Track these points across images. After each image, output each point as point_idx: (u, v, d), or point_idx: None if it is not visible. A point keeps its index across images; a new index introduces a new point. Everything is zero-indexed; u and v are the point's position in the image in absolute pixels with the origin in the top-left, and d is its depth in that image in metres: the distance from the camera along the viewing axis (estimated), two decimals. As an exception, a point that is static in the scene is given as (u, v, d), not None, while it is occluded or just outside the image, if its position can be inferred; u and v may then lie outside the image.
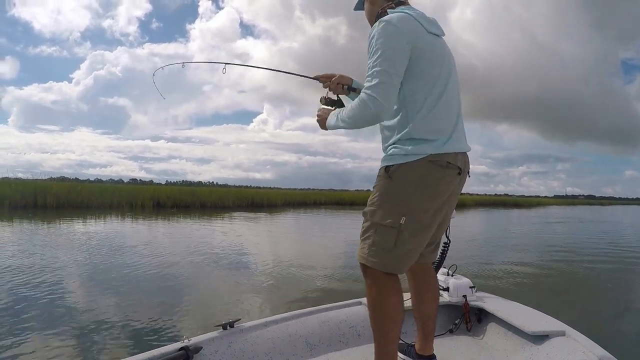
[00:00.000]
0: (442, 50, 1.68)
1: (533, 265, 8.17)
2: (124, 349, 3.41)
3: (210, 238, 11.52)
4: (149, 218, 18.37)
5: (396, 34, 1.54)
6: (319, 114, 1.87)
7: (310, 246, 11.16)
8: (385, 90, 1.52)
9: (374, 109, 1.52)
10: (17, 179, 25.45)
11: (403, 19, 1.58)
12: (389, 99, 1.54)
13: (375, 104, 1.52)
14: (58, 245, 8.83)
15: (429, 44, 1.61)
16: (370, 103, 1.52)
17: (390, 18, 1.58)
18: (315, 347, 2.13)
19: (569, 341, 1.89)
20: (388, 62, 1.53)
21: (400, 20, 1.57)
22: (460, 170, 1.66)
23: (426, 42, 1.60)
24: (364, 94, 1.55)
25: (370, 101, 1.52)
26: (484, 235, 15.24)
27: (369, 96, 1.53)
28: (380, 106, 1.52)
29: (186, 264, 7.27)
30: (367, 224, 1.66)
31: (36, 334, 3.68)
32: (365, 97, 1.54)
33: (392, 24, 1.55)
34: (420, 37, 1.58)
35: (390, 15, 1.60)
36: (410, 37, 1.55)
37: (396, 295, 1.64)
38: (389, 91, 1.53)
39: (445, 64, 1.67)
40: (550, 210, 45.49)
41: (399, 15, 1.59)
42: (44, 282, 5.49)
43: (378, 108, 1.52)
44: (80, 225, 13.73)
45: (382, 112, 1.54)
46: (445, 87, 1.65)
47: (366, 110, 1.54)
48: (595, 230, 18.70)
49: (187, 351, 1.70)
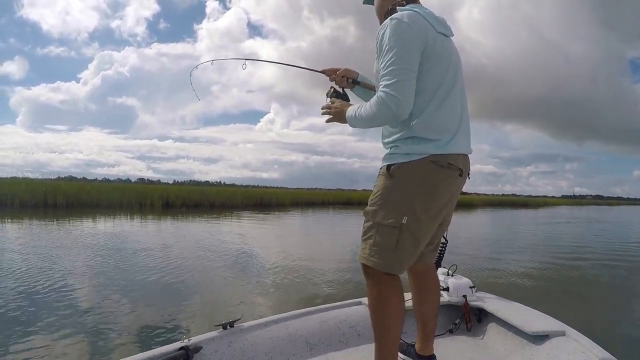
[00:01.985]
0: (450, 50, 1.68)
1: (534, 265, 8.12)
2: (125, 348, 3.42)
3: (219, 238, 11.57)
4: (159, 217, 18.47)
5: (408, 31, 1.54)
6: (335, 105, 1.81)
7: (316, 246, 11.17)
8: (404, 87, 1.51)
9: (394, 107, 1.50)
10: (25, 178, 25.70)
11: (413, 17, 1.58)
12: (409, 97, 1.52)
13: (395, 103, 1.50)
14: (67, 245, 8.91)
15: (438, 44, 1.61)
16: (391, 102, 1.50)
17: (401, 16, 1.58)
18: (315, 347, 2.14)
19: (569, 341, 1.88)
20: (403, 59, 1.52)
21: (411, 18, 1.57)
22: (461, 172, 1.65)
23: (435, 41, 1.60)
24: (382, 92, 1.52)
25: (390, 100, 1.50)
26: (487, 235, 15.19)
27: (388, 95, 1.51)
28: (400, 105, 1.50)
29: (194, 263, 7.31)
30: (368, 224, 1.66)
31: (39, 332, 3.71)
32: (384, 96, 1.52)
33: (403, 22, 1.55)
34: (429, 36, 1.58)
35: (400, 13, 1.60)
36: (420, 35, 1.55)
37: (397, 295, 1.65)
38: (409, 89, 1.52)
39: (452, 65, 1.66)
40: (557, 211, 45.09)
41: (409, 13, 1.59)
42: (52, 280, 5.55)
43: (398, 106, 1.50)
44: (91, 225, 13.86)
45: (403, 110, 1.52)
46: (452, 87, 1.64)
47: (386, 109, 1.52)
48: (599, 231, 18.58)
49: (187, 351, 1.71)
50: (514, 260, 8.72)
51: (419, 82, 1.58)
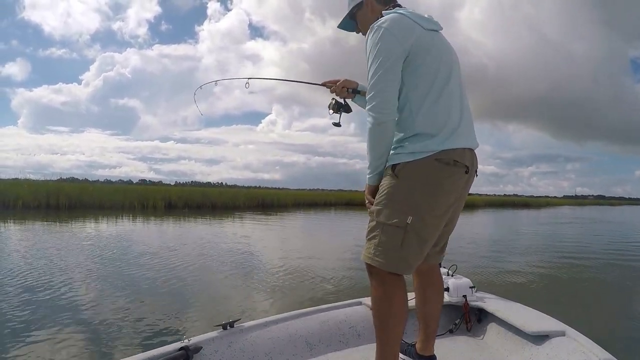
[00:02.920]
0: (441, 44, 1.69)
1: (534, 265, 8.11)
2: (125, 348, 3.42)
3: (220, 238, 11.59)
4: (161, 218, 18.49)
5: (387, 36, 1.56)
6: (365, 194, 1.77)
7: (317, 247, 11.16)
8: (382, 97, 1.57)
9: (382, 124, 1.57)
10: (26, 179, 25.71)
11: (395, 20, 1.60)
12: (388, 103, 1.58)
13: (379, 119, 1.57)
14: (70, 246, 8.93)
15: (427, 41, 1.62)
16: (376, 122, 1.57)
17: (381, 22, 1.60)
18: (315, 347, 2.14)
19: (569, 341, 1.88)
20: (382, 67, 1.56)
21: (393, 21, 1.59)
22: (467, 169, 1.64)
23: (424, 38, 1.61)
24: (367, 115, 1.60)
25: (375, 121, 1.57)
26: (488, 236, 15.16)
27: (371, 117, 1.58)
28: (384, 116, 1.57)
29: (195, 263, 7.32)
30: (373, 224, 1.65)
31: (39, 331, 3.71)
32: (368, 118, 1.59)
33: (382, 27, 1.58)
34: (416, 34, 1.60)
35: (381, 19, 1.62)
36: (403, 35, 1.57)
37: (401, 296, 1.64)
38: (387, 96, 1.57)
39: (444, 58, 1.67)
40: (559, 211, 45.00)
41: (391, 17, 1.61)
42: (54, 281, 5.56)
43: (380, 118, 1.57)
44: (93, 226, 13.88)
45: (386, 118, 1.58)
46: (447, 81, 1.64)
47: (374, 128, 1.59)
48: (600, 231, 18.54)
49: (187, 351, 1.71)
50: (514, 260, 8.71)
51: (413, 79, 1.60)
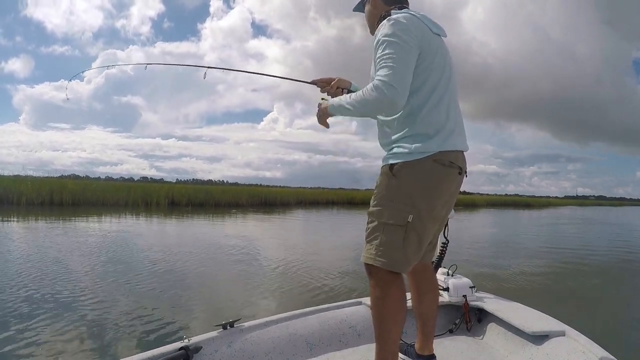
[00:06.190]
0: (444, 50, 1.71)
1: (534, 265, 8.11)
2: (125, 348, 3.42)
3: (223, 237, 11.62)
4: (164, 216, 18.54)
5: (406, 30, 1.56)
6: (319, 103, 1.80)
7: (319, 246, 11.13)
8: (400, 76, 1.50)
9: (389, 95, 1.47)
10: (28, 176, 25.82)
11: (411, 19, 1.61)
12: (404, 88, 1.51)
13: (390, 91, 1.47)
14: (73, 243, 8.94)
15: (434, 44, 1.64)
16: (385, 89, 1.47)
17: (398, 17, 1.61)
18: (315, 347, 2.14)
19: (569, 341, 1.88)
20: (401, 53, 1.52)
21: (409, 19, 1.60)
22: (460, 170, 1.68)
23: (431, 42, 1.63)
24: (377, 80, 1.50)
25: (385, 87, 1.47)
26: (489, 236, 15.16)
27: (383, 82, 1.48)
28: (396, 93, 1.47)
29: (196, 262, 7.33)
30: (373, 224, 1.66)
31: (40, 330, 3.70)
32: (379, 84, 1.48)
33: (401, 22, 1.58)
34: (426, 37, 1.61)
35: (397, 15, 1.63)
36: (418, 35, 1.58)
37: (400, 295, 1.65)
38: (406, 80, 1.52)
39: (447, 64, 1.70)
40: (560, 211, 44.95)
41: (405, 15, 1.62)
42: (56, 279, 5.57)
43: (394, 94, 1.47)
44: (97, 223, 13.91)
45: (398, 100, 1.49)
46: (447, 85, 1.67)
47: (381, 96, 1.48)
48: (601, 232, 18.50)
49: (187, 351, 1.72)
50: (515, 260, 8.70)
51: (418, 80, 1.60)
